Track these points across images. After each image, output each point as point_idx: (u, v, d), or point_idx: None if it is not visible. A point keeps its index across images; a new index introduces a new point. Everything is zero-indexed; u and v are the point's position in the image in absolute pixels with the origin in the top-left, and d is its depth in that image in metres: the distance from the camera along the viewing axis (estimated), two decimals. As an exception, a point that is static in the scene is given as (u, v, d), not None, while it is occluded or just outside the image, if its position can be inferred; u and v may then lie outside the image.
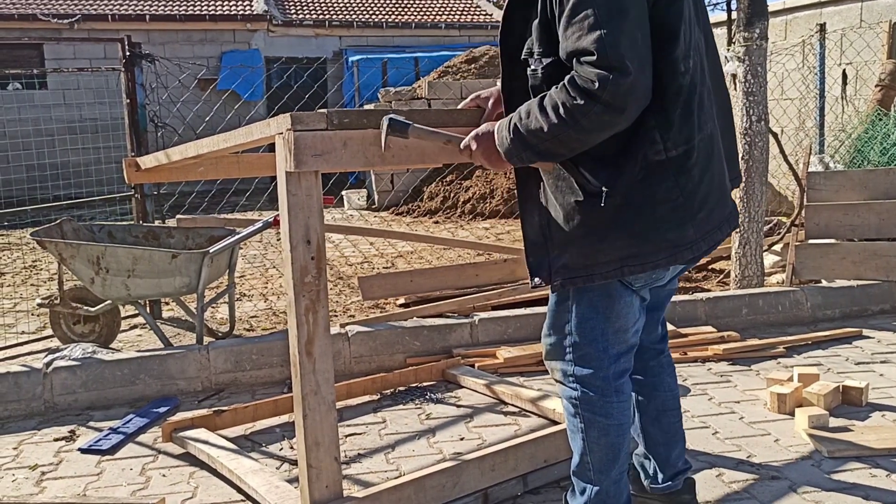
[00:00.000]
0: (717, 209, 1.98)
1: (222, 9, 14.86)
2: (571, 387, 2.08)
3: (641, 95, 1.74)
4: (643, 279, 2.02)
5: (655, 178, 1.87)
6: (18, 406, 3.41)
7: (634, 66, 1.69)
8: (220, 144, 2.54)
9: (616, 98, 1.69)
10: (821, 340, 4.07)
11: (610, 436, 2.07)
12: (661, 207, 1.89)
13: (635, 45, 1.71)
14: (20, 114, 11.92)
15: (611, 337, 2.04)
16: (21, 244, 8.06)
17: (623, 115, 1.73)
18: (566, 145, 1.81)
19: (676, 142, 1.86)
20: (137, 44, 4.81)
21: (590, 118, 1.73)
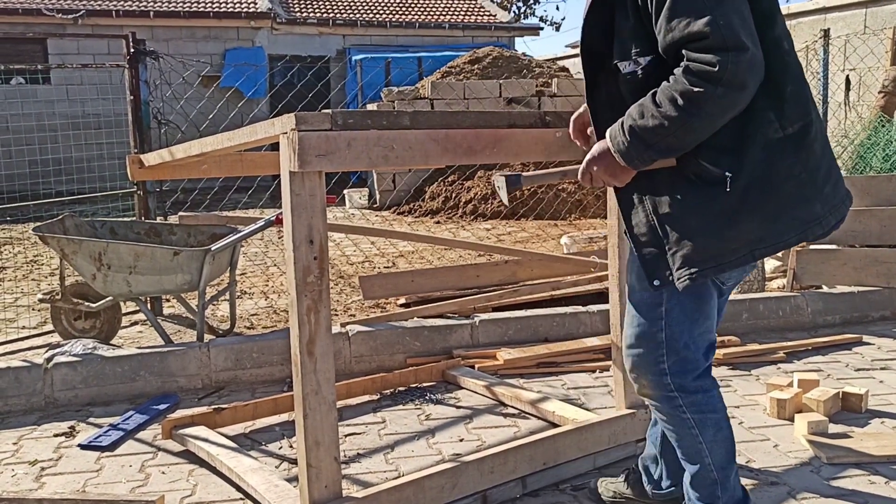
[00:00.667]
0: (840, 182, 1.97)
1: (226, 6, 14.86)
2: (672, 395, 2.05)
3: (759, 70, 1.72)
4: (735, 277, 2.02)
5: (777, 156, 1.86)
6: (18, 401, 3.41)
7: (750, 42, 1.68)
8: (224, 143, 2.54)
9: (737, 76, 1.68)
10: (821, 346, 4.07)
11: (724, 428, 2.09)
12: (787, 185, 1.87)
13: (745, 22, 1.71)
14: (23, 108, 11.93)
15: (697, 338, 2.05)
16: (23, 239, 8.06)
17: (745, 93, 1.72)
18: (690, 136, 1.79)
19: (791, 118, 1.85)
20: (142, 40, 4.81)
21: (713, 102, 1.71)
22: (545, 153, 2.50)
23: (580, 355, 3.89)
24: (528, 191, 9.38)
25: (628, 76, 1.90)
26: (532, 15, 28.27)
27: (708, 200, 1.87)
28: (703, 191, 1.87)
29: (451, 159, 2.29)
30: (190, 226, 4.46)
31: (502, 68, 11.38)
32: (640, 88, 1.86)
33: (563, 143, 2.51)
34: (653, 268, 1.96)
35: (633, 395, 2.82)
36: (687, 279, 1.90)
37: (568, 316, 4.18)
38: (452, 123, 2.29)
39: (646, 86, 1.84)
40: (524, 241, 7.69)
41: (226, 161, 3.69)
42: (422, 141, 2.22)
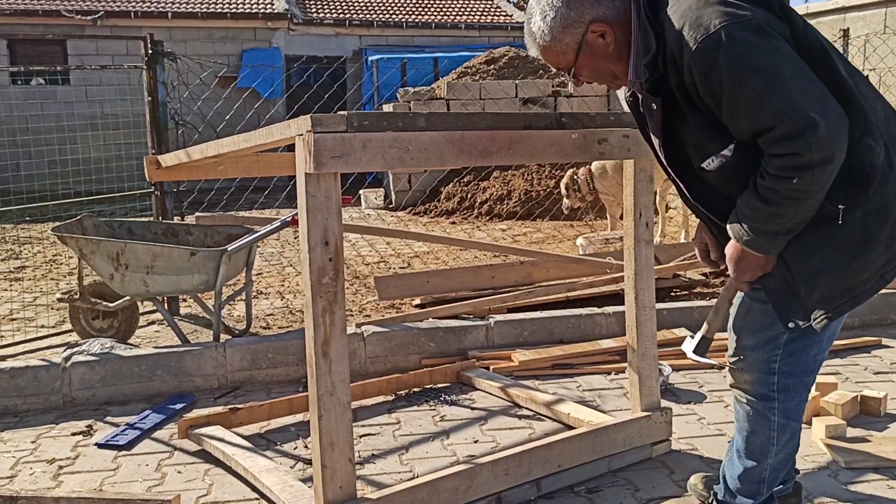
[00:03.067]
0: None
1: (243, 7, 14.94)
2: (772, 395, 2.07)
3: (840, 128, 1.71)
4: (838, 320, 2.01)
5: (887, 179, 1.83)
6: (37, 400, 3.44)
7: (819, 111, 1.67)
8: (241, 144, 2.55)
9: (824, 150, 1.68)
10: (839, 349, 4.03)
11: (796, 437, 2.16)
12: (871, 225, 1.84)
13: (806, 92, 1.69)
14: (43, 109, 12.05)
15: (812, 366, 2.09)
16: (42, 238, 8.14)
17: (837, 157, 1.72)
18: (808, 211, 1.79)
19: (879, 134, 1.83)
20: (160, 42, 4.84)
21: (813, 181, 1.71)
22: (561, 155, 2.49)
23: (595, 357, 3.88)
24: (543, 192, 9.36)
25: (719, 170, 1.89)
26: (548, 15, 28.20)
27: (831, 235, 1.85)
28: (820, 229, 1.85)
29: (466, 161, 2.29)
30: (206, 226, 4.49)
31: (518, 68, 11.36)
32: (732, 171, 1.87)
33: (579, 145, 2.51)
34: (785, 312, 1.96)
35: (649, 397, 2.81)
36: (823, 320, 1.92)
37: (583, 317, 4.17)
38: (468, 125, 2.29)
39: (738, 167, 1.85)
40: (540, 241, 7.67)
41: (242, 162, 3.71)
42: (437, 142, 2.22)
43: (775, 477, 2.17)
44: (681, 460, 2.79)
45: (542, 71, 11.39)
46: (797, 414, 2.11)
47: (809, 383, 2.12)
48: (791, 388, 2.06)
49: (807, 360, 2.06)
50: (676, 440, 2.92)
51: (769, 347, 2.03)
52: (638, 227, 2.74)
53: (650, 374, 2.82)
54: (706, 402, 3.36)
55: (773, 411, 2.09)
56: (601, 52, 1.95)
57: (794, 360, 2.04)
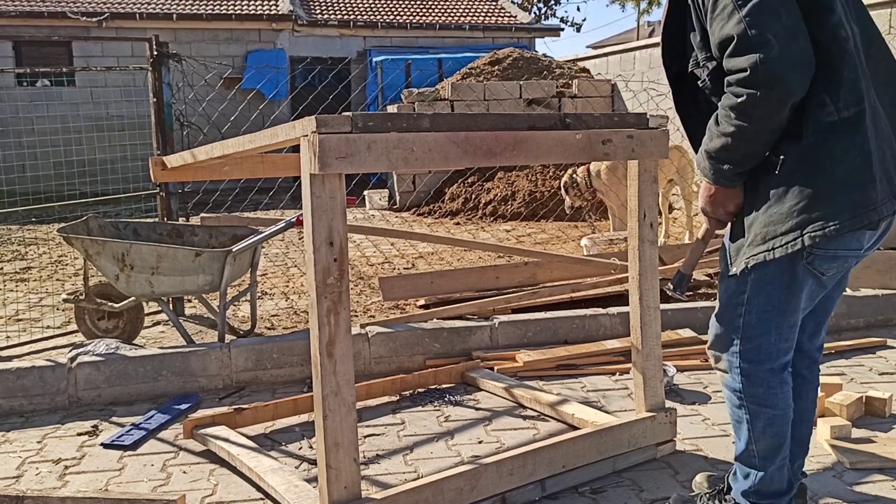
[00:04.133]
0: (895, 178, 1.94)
1: (248, 8, 14.96)
2: (737, 379, 2.12)
3: (798, 61, 1.78)
4: (836, 265, 2.00)
5: (830, 139, 1.88)
6: (43, 400, 3.45)
7: (780, 36, 1.74)
8: (246, 145, 2.56)
9: (771, 73, 1.75)
10: (844, 350, 4.03)
11: (776, 425, 2.13)
12: (840, 167, 1.88)
13: (778, 18, 1.76)
14: (48, 110, 12.08)
15: (785, 331, 2.08)
16: (48, 239, 8.16)
17: (785, 88, 1.78)
18: (755, 142, 1.88)
19: (847, 102, 1.87)
20: (165, 43, 4.85)
21: (758, 105, 1.79)
22: (565, 156, 2.49)
23: (600, 358, 3.88)
24: (548, 192, 9.36)
25: (701, 86, 2.01)
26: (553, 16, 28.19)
27: (765, 183, 1.94)
28: (762, 175, 1.94)
29: (470, 161, 2.30)
30: (211, 227, 4.50)
31: (522, 69, 11.37)
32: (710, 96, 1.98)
33: (583, 146, 2.51)
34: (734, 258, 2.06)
35: (654, 398, 2.81)
36: (743, 264, 2.00)
37: (588, 318, 4.17)
38: (472, 126, 2.29)
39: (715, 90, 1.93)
40: (544, 242, 7.67)
41: (247, 163, 3.72)
42: (441, 143, 2.22)
43: (765, 466, 2.16)
44: (685, 461, 2.79)
45: (546, 72, 11.40)
46: (768, 401, 2.11)
47: (776, 370, 2.11)
48: (753, 374, 2.10)
49: (768, 346, 2.08)
50: (681, 441, 2.92)
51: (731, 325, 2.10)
52: (642, 227, 2.74)
53: (655, 374, 2.82)
54: (711, 402, 3.36)
55: (739, 395, 2.14)
56: None
57: (755, 348, 2.08)
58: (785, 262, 1.97)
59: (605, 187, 7.12)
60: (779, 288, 2.01)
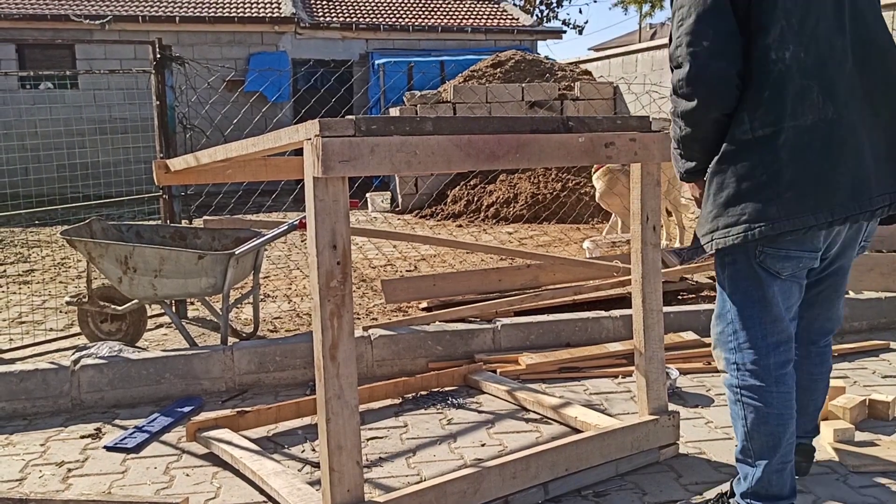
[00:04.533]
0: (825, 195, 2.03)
1: (250, 11, 14.99)
2: (733, 374, 2.24)
3: (713, 83, 2.01)
4: (791, 266, 2.14)
5: (741, 155, 2.06)
6: (46, 403, 3.46)
7: (700, 57, 1.99)
8: (249, 148, 2.57)
9: (685, 90, 2.03)
10: (847, 353, 4.03)
11: (769, 424, 2.19)
12: (744, 183, 2.06)
13: (704, 38, 1.99)
14: (51, 113, 12.10)
15: (768, 326, 2.18)
16: (51, 241, 8.18)
17: (699, 104, 2.03)
18: (691, 145, 2.14)
19: (764, 122, 2.03)
20: (168, 46, 4.86)
21: (684, 114, 2.07)
22: (568, 159, 2.49)
23: (603, 360, 3.88)
24: (550, 195, 9.37)
25: None
26: (555, 18, 28.19)
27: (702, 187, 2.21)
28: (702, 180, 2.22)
29: (473, 164, 2.30)
30: (214, 229, 4.50)
31: (525, 72, 11.37)
32: None
33: (586, 149, 2.51)
34: None
35: (657, 401, 2.81)
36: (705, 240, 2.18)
37: (590, 321, 4.17)
38: (475, 129, 2.30)
39: None
40: (546, 244, 7.67)
41: (250, 165, 3.72)
42: (444, 146, 2.22)
43: (759, 464, 2.22)
44: (688, 464, 2.79)
45: (548, 74, 11.41)
46: (762, 398, 2.19)
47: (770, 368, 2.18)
48: (746, 369, 2.20)
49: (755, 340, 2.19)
50: (684, 444, 2.92)
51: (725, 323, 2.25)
52: (645, 230, 2.74)
53: (658, 377, 2.82)
54: (714, 405, 3.36)
55: (734, 388, 2.24)
56: None
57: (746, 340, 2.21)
58: (744, 261, 2.16)
59: (606, 189, 7.11)
60: (750, 285, 2.18)
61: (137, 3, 14.82)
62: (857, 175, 2.05)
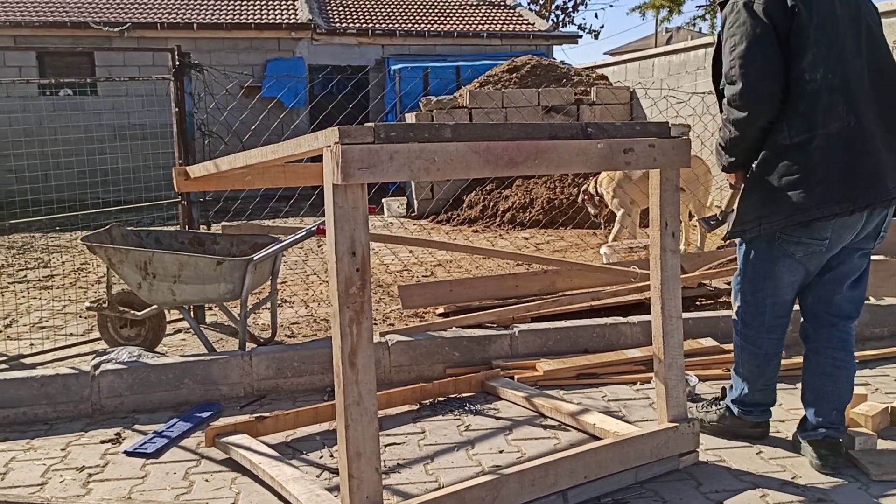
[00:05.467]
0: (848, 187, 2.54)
1: (267, 17, 15.07)
2: (738, 318, 2.88)
3: (760, 96, 2.52)
4: (802, 249, 2.66)
5: (781, 157, 2.58)
6: (66, 407, 3.48)
7: (751, 76, 2.50)
8: (269, 156, 2.58)
9: (738, 103, 2.54)
10: (868, 359, 3.99)
11: (757, 360, 2.87)
12: (783, 179, 2.57)
13: (753, 62, 2.50)
14: (71, 120, 12.22)
15: (769, 291, 2.77)
16: (71, 247, 8.25)
17: (749, 115, 2.54)
18: (735, 146, 2.64)
19: (799, 130, 2.54)
20: (187, 54, 4.90)
21: (735, 122, 2.58)
22: (587, 165, 2.49)
23: (621, 367, 3.86)
24: (566, 200, 9.34)
25: None
26: (570, 23, 28.12)
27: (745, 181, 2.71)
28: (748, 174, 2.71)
29: (492, 171, 2.30)
30: (232, 235, 4.53)
31: (541, 77, 11.36)
32: None
33: (605, 155, 2.50)
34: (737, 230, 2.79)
35: (676, 408, 2.80)
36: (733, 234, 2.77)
37: (608, 327, 4.15)
38: (493, 135, 2.30)
39: None
40: (563, 250, 7.66)
41: (269, 172, 3.74)
42: (463, 153, 2.23)
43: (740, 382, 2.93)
44: (709, 472, 2.77)
45: (564, 79, 11.39)
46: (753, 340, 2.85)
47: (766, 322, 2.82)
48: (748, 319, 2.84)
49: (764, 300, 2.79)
50: (704, 451, 2.90)
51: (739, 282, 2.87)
52: (664, 236, 2.73)
53: (677, 384, 2.81)
54: (733, 412, 3.33)
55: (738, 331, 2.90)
56: None
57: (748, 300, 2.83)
58: (764, 242, 2.71)
59: (608, 195, 7.18)
60: (762, 259, 2.74)
61: (156, 10, 14.94)
62: (875, 170, 2.56)
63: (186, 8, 15.20)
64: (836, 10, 2.56)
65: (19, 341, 4.70)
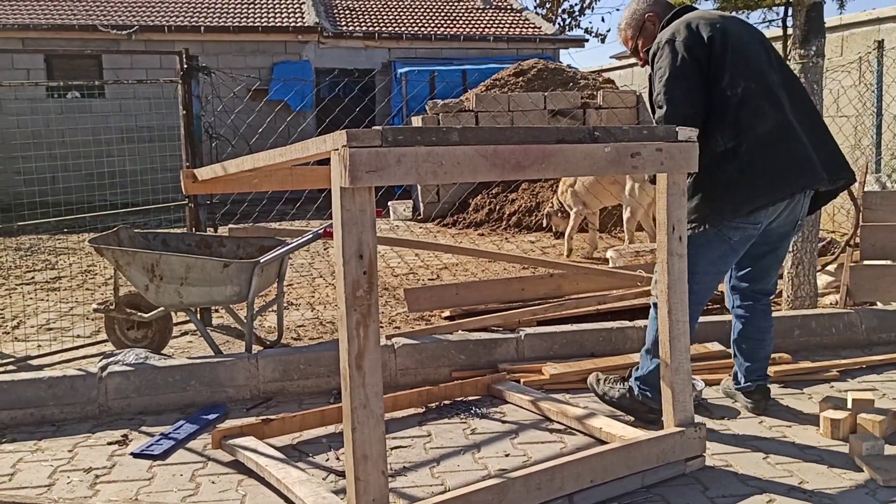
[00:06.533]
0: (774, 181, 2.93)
1: (274, 20, 15.11)
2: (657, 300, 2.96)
3: (683, 120, 2.82)
4: (739, 234, 3.00)
5: (718, 163, 2.95)
6: (74, 409, 3.49)
7: (676, 100, 2.91)
8: (276, 158, 2.59)
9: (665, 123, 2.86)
10: (876, 364, 3.98)
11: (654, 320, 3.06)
12: (723, 180, 2.94)
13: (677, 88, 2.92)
14: (79, 122, 12.27)
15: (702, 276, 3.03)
16: (78, 249, 8.28)
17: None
18: None
19: (729, 137, 2.93)
20: (195, 56, 4.92)
21: None
22: (594, 169, 2.49)
23: (627, 371, 3.85)
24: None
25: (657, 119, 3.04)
26: (577, 27, 28.15)
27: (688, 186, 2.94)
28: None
29: (499, 175, 2.31)
30: (239, 238, 4.54)
31: (547, 80, 11.36)
32: None
33: (612, 159, 2.50)
34: None
35: (683, 412, 2.79)
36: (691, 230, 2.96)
37: (614, 331, 4.15)
38: (501, 139, 2.30)
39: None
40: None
41: (276, 175, 3.75)
42: (470, 156, 2.23)
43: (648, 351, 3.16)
44: (715, 477, 2.76)
45: (570, 83, 11.39)
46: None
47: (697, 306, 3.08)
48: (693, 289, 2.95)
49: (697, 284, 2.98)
50: (710, 456, 2.89)
51: None
52: (671, 240, 2.73)
53: (683, 388, 2.80)
54: (740, 417, 3.33)
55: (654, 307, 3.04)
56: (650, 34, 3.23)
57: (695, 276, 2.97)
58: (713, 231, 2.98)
59: (564, 197, 7.56)
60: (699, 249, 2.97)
61: (163, 13, 15.00)
62: (807, 157, 2.98)
63: (194, 11, 15.26)
64: (744, 37, 3.03)
65: (27, 343, 4.72)
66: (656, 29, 3.19)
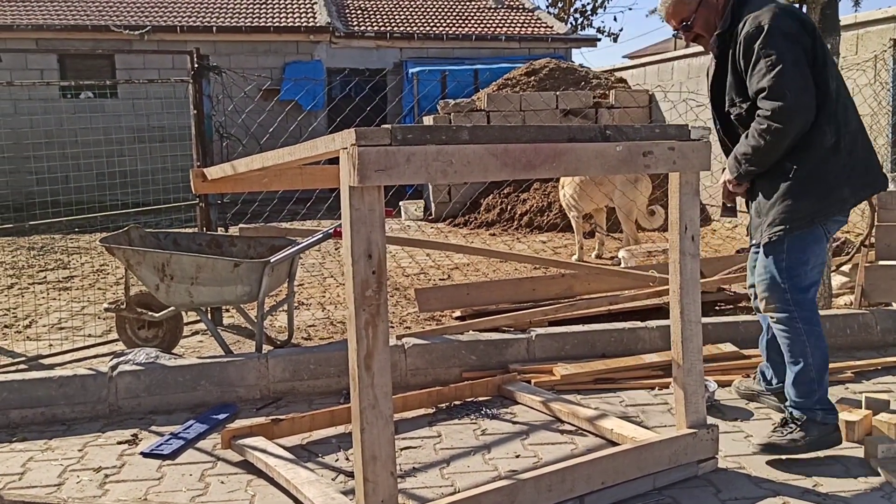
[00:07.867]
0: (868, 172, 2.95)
1: (286, 21, 15.13)
2: (790, 308, 2.87)
3: (802, 109, 2.74)
4: (836, 227, 2.97)
5: (826, 156, 2.84)
6: (84, 408, 3.50)
7: (793, 91, 2.72)
8: (286, 158, 2.58)
9: (785, 115, 2.73)
10: (891, 366, 3.93)
11: (822, 340, 2.90)
12: (831, 175, 2.85)
13: (794, 79, 2.73)
14: (91, 122, 12.32)
15: (812, 269, 2.91)
16: (90, 248, 8.31)
17: (788, 127, 2.74)
18: (767, 155, 2.84)
19: (835, 131, 2.85)
20: (205, 56, 4.92)
21: (775, 132, 2.75)
22: (605, 168, 2.47)
23: (638, 372, 3.83)
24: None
25: (735, 116, 2.99)
26: (589, 26, 28.05)
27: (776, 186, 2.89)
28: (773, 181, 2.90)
29: (509, 174, 2.29)
30: (250, 237, 4.53)
31: (559, 80, 11.33)
32: (744, 122, 2.93)
33: (624, 158, 2.48)
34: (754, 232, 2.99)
35: (695, 414, 2.77)
36: (768, 237, 2.88)
37: (626, 331, 4.12)
38: (511, 138, 2.28)
39: (745, 120, 2.91)
40: (580, 254, 7.60)
41: (286, 174, 3.75)
42: (481, 155, 2.21)
43: (821, 376, 2.87)
44: (728, 479, 2.74)
45: (583, 82, 11.35)
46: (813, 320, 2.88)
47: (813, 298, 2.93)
48: (801, 301, 2.87)
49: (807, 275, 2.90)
50: (723, 458, 2.86)
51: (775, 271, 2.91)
52: (683, 240, 2.71)
53: (696, 390, 2.77)
54: (753, 419, 3.29)
55: (795, 320, 2.87)
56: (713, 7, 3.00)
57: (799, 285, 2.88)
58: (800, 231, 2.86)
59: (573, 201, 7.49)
60: (811, 241, 2.88)
61: (175, 13, 15.05)
62: (877, 160, 3.00)
63: (206, 11, 15.30)
64: None
65: (38, 342, 4.73)
66: (720, 4, 2.97)
